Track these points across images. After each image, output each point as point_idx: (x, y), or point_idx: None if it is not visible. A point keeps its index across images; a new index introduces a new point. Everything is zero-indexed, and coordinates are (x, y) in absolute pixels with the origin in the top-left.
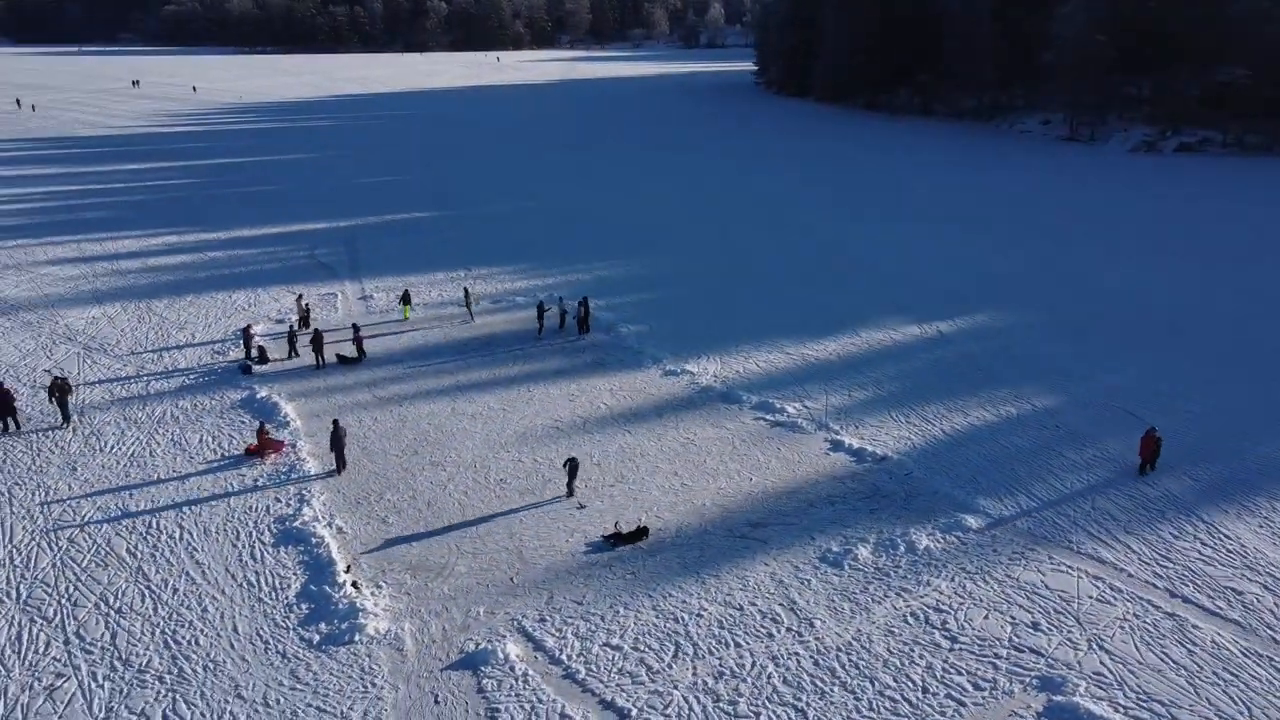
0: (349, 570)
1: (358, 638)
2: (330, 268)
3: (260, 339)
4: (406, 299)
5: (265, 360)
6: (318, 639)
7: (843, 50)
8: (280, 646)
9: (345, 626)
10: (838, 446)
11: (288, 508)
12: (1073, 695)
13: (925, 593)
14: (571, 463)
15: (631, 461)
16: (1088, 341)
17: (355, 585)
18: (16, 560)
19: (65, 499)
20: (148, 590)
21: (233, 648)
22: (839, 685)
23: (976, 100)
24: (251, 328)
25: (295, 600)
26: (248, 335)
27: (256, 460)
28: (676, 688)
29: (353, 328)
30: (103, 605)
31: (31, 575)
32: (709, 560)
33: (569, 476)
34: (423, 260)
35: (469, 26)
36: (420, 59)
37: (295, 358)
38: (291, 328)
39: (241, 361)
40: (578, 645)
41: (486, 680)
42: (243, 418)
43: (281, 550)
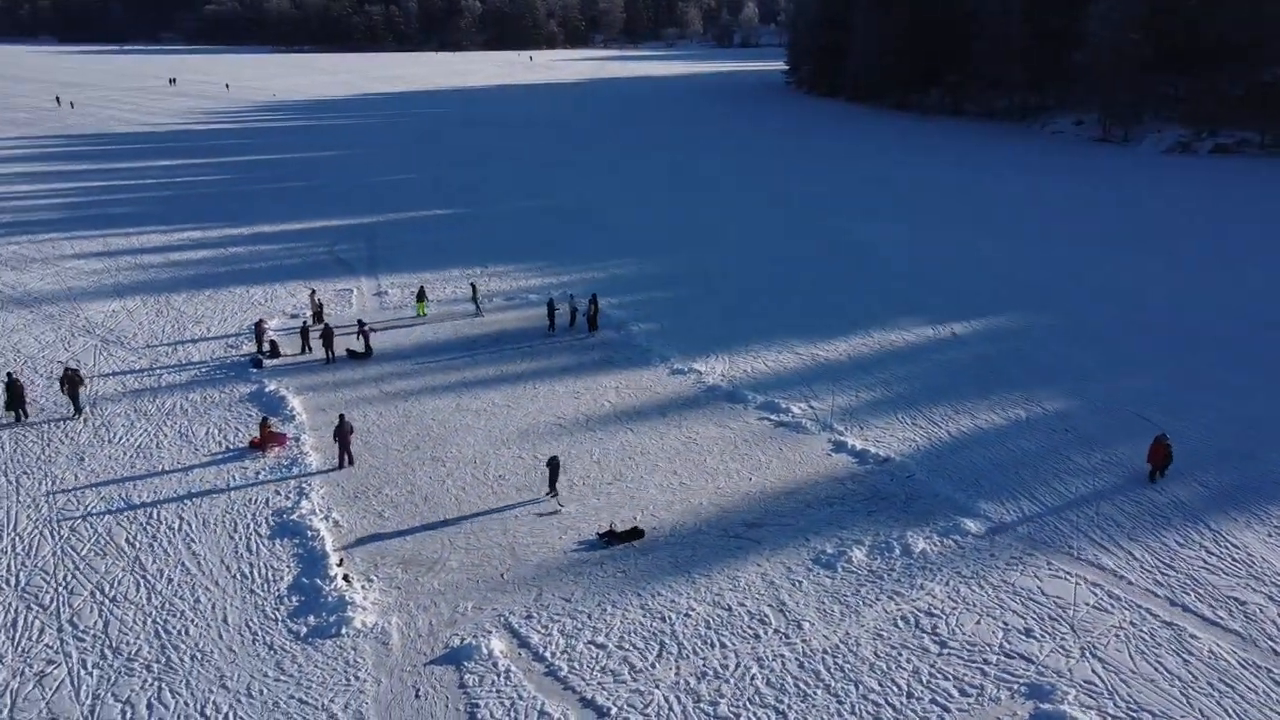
0: (341, 564)
1: (345, 631)
2: (348, 264)
3: (272, 333)
4: (422, 295)
5: (276, 354)
6: (305, 631)
7: (872, 50)
8: (268, 638)
9: (333, 619)
10: (840, 447)
11: (287, 501)
12: (1061, 704)
13: (917, 596)
14: (553, 462)
15: (631, 459)
16: (1106, 345)
17: (347, 579)
18: (19, 548)
19: (71, 489)
20: (143, 580)
21: (221, 638)
22: (822, 688)
23: (1008, 100)
24: (264, 322)
25: (286, 592)
26: (260, 330)
27: (259, 453)
28: (658, 687)
29: (358, 323)
30: (98, 594)
31: (32, 563)
32: (701, 560)
33: (551, 476)
34: (440, 257)
35: (503, 26)
36: (454, 58)
37: (309, 352)
38: (305, 323)
39: (253, 355)
40: (562, 642)
41: (469, 675)
42: (250, 411)
43: (277, 543)
